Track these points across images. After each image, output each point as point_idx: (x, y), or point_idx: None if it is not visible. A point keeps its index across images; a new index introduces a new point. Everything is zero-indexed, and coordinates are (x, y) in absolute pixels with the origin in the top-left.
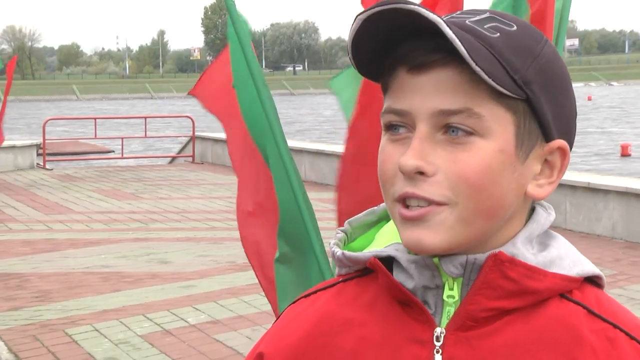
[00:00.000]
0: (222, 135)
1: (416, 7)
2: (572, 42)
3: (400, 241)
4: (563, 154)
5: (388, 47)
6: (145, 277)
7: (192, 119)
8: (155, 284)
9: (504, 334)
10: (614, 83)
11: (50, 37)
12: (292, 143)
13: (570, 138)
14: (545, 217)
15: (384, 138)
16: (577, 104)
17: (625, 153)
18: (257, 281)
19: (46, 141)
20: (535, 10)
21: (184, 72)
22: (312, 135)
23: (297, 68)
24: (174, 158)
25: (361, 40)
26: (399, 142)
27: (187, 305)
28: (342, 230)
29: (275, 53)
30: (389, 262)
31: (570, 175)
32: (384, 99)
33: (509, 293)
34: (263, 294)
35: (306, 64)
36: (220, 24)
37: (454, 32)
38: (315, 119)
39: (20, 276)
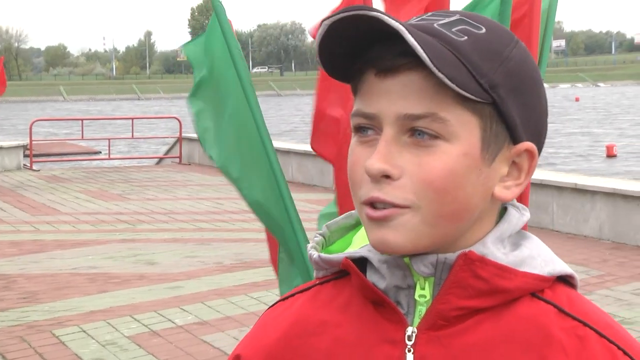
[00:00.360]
0: None
1: (378, 14)
2: (559, 43)
3: None
4: (531, 156)
5: (358, 51)
6: (133, 278)
7: (179, 120)
8: (143, 285)
9: (475, 333)
10: (601, 84)
11: (37, 38)
12: (279, 144)
13: (540, 140)
14: (517, 217)
15: (354, 140)
16: (564, 105)
17: (610, 154)
18: (244, 282)
19: (33, 142)
20: (521, 11)
21: (171, 73)
22: (296, 136)
23: (261, 70)
24: (161, 159)
25: (328, 45)
26: (367, 144)
27: (174, 306)
28: (320, 234)
29: (262, 54)
30: (364, 263)
31: (557, 177)
32: (354, 102)
33: (480, 292)
34: (250, 294)
35: (293, 65)
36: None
37: (416, 38)
38: (302, 120)
39: (7, 277)
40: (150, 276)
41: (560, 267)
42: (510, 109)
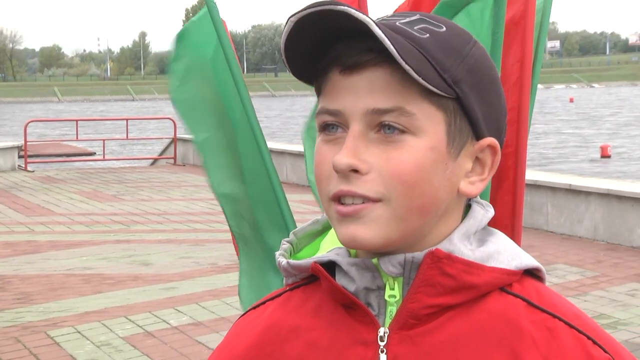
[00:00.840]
0: None
1: (346, 8)
2: (553, 44)
3: (341, 245)
4: (493, 151)
5: (321, 49)
6: (127, 278)
7: (173, 121)
8: (137, 286)
9: (446, 330)
10: (595, 85)
11: (32, 39)
12: (273, 145)
13: (500, 137)
14: (482, 213)
15: (319, 139)
16: (558, 105)
17: (605, 154)
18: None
19: (28, 143)
20: (515, 11)
21: (166, 74)
22: (287, 137)
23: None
24: (155, 160)
25: (294, 43)
26: (334, 142)
27: (169, 307)
28: (287, 241)
29: (257, 55)
30: (332, 267)
31: (551, 177)
32: (318, 101)
33: (449, 289)
34: None
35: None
36: None
37: (384, 33)
38: (295, 121)
39: (2, 278)
40: (145, 277)
41: (527, 260)
42: (473, 104)
